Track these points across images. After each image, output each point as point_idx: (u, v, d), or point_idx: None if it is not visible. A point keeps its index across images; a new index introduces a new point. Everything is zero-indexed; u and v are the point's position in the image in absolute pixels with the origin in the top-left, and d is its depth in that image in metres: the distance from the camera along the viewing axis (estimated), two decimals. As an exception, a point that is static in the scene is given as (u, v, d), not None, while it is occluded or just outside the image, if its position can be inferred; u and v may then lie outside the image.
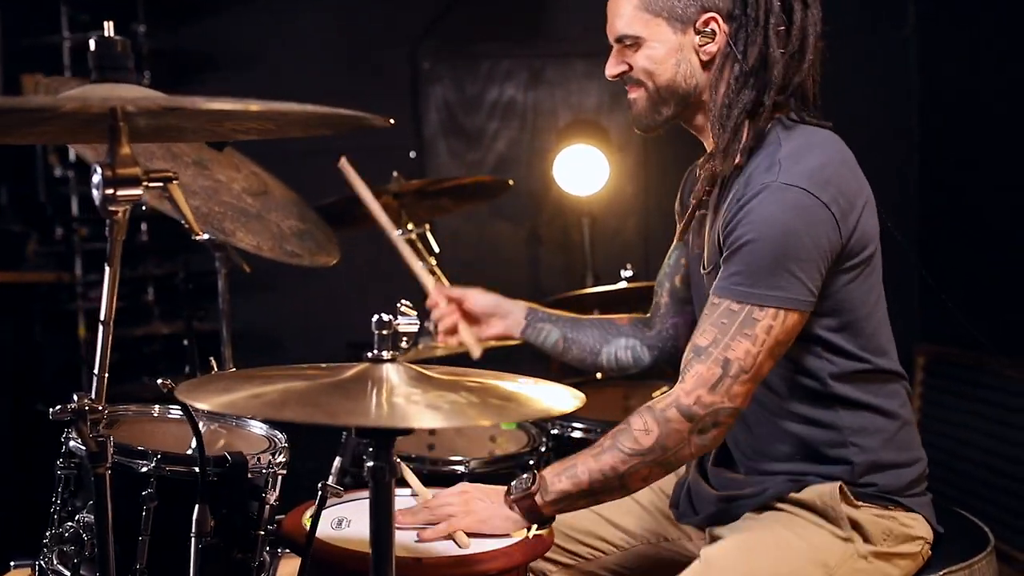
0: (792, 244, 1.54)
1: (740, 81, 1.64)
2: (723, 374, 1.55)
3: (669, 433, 1.57)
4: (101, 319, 1.29)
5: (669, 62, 1.67)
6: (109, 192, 1.14)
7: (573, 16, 4.19)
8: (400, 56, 4.12)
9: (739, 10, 1.63)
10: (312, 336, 3.98)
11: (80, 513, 1.55)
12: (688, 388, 1.57)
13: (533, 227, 4.23)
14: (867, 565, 1.62)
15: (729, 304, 1.56)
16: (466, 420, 1.20)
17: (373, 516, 1.28)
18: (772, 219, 1.54)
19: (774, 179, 1.55)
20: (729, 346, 1.55)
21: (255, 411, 1.12)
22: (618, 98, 4.24)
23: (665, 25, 1.66)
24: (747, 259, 1.55)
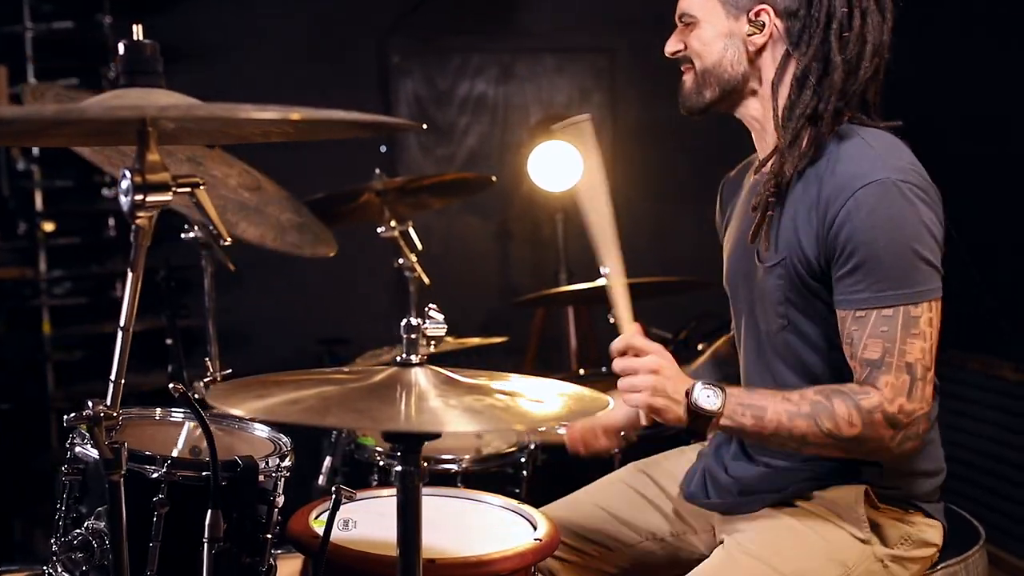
0: (920, 235, 1.55)
1: (800, 81, 1.65)
2: (911, 379, 1.55)
3: (872, 436, 1.56)
4: (121, 325, 1.27)
5: (717, 45, 1.70)
6: (138, 198, 1.12)
7: (543, 11, 4.20)
8: (370, 50, 4.10)
9: (803, 9, 1.65)
10: (284, 333, 3.95)
11: (87, 520, 1.52)
12: (888, 396, 1.55)
13: (503, 222, 4.24)
14: (882, 568, 1.65)
15: (879, 312, 1.55)
16: (501, 423, 1.20)
17: (401, 519, 1.28)
18: (896, 217, 1.55)
19: (881, 175, 1.56)
20: (904, 351, 1.54)
21: (296, 417, 1.11)
22: (588, 94, 4.27)
23: (720, 8, 1.69)
24: (877, 267, 1.55)
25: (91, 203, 3.67)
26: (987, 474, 3.35)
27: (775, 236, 1.68)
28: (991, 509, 3.22)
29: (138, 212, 1.14)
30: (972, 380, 3.48)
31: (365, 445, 2.30)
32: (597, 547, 1.89)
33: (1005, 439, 3.36)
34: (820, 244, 1.61)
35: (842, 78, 1.63)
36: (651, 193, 4.21)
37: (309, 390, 1.21)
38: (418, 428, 1.13)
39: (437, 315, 1.32)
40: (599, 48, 4.21)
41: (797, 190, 1.65)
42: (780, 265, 1.66)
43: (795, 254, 1.64)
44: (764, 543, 1.67)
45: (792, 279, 1.66)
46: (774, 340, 1.72)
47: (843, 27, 1.63)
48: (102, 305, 3.69)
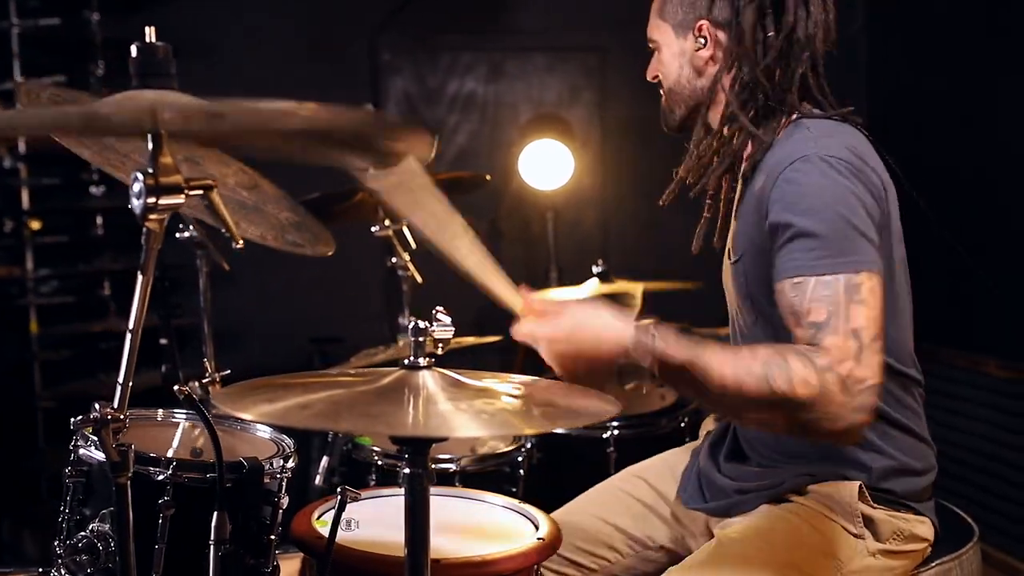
0: (852, 207, 1.53)
1: (738, 88, 1.71)
2: (859, 345, 1.45)
3: (827, 397, 1.43)
4: (129, 328, 1.26)
5: (673, 66, 1.79)
6: (151, 201, 1.12)
7: (534, 10, 4.21)
8: (360, 47, 4.09)
9: (733, 19, 1.71)
10: (274, 332, 3.93)
11: (92, 522, 1.51)
12: (837, 357, 1.44)
13: (493, 220, 4.23)
14: (875, 562, 1.67)
15: (819, 279, 1.49)
16: (511, 428, 1.21)
17: (409, 521, 1.29)
18: (825, 187, 1.54)
19: (813, 151, 1.56)
20: (849, 317, 1.46)
21: (308, 422, 1.11)
22: (578, 92, 4.27)
23: (671, 31, 1.79)
24: (818, 230, 1.51)
25: (78, 201, 3.64)
26: (976, 471, 3.38)
27: (735, 232, 1.75)
28: (981, 506, 3.25)
29: (150, 215, 1.13)
30: (959, 377, 3.51)
31: (362, 445, 2.30)
32: (596, 559, 1.90)
33: (993, 435, 3.40)
34: (765, 231, 1.60)
35: (769, 79, 1.67)
36: (641, 192, 4.18)
37: (318, 393, 1.21)
38: (430, 433, 1.13)
39: (444, 317, 1.31)
40: (589, 47, 4.21)
41: (748, 187, 1.70)
42: (740, 262, 1.71)
43: (749, 249, 1.67)
44: (757, 535, 1.69)
45: (751, 274, 1.68)
46: (751, 335, 1.74)
47: (766, 29, 1.68)
48: (90, 304, 3.67)
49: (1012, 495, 3.29)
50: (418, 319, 1.29)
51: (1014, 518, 3.23)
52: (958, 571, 1.77)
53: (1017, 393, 3.35)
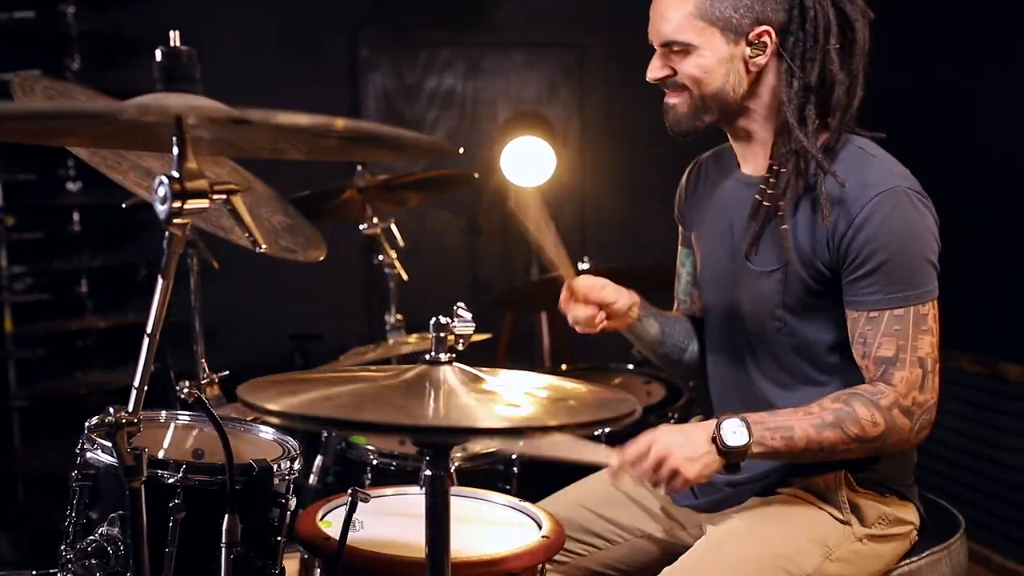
0: (928, 241, 1.65)
1: (801, 95, 1.67)
2: (923, 372, 1.64)
3: (894, 430, 1.64)
4: (147, 331, 1.25)
5: (719, 71, 1.68)
6: (176, 205, 1.11)
7: (513, 6, 4.21)
8: (339, 43, 4.07)
9: (796, 25, 1.67)
10: (254, 329, 3.91)
11: (99, 526, 1.50)
12: (903, 391, 1.63)
13: (472, 216, 4.24)
14: (862, 546, 1.71)
15: (891, 313, 1.63)
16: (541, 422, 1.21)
17: (430, 522, 1.29)
18: (910, 223, 1.64)
19: (892, 184, 1.63)
20: (916, 347, 1.63)
21: (332, 412, 1.11)
22: (556, 89, 4.29)
23: (719, 35, 1.67)
24: (893, 269, 1.62)
25: (54, 197, 3.59)
26: (948, 464, 3.45)
27: (773, 243, 1.71)
28: (955, 499, 3.32)
29: (175, 219, 1.13)
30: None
31: (357, 444, 2.30)
32: (583, 545, 1.92)
33: (966, 430, 3.47)
34: (830, 251, 1.66)
35: (845, 91, 1.67)
36: (619, 188, 4.25)
37: (341, 387, 1.22)
38: (453, 423, 1.14)
39: (465, 313, 1.32)
40: (568, 43, 4.23)
41: (803, 200, 1.69)
42: (780, 271, 1.70)
43: (799, 261, 1.68)
44: (748, 527, 1.73)
45: (793, 285, 1.70)
46: (766, 340, 1.77)
47: (838, 40, 1.66)
48: (65, 301, 3.62)
49: (984, 488, 3.36)
50: (439, 316, 1.30)
51: (983, 508, 3.31)
52: (947, 561, 1.82)
53: (989, 388, 3.42)
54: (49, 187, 3.59)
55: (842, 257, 1.65)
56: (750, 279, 1.76)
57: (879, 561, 1.73)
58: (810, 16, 1.66)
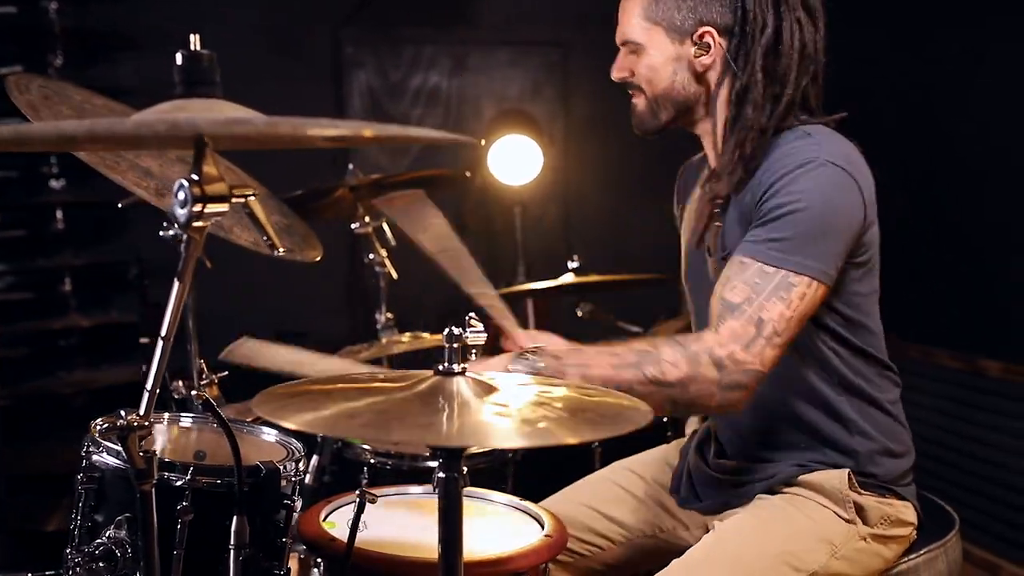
0: (833, 219, 1.62)
1: (740, 96, 1.72)
2: (757, 334, 1.58)
3: (696, 377, 1.58)
4: (162, 335, 1.25)
5: (666, 70, 1.77)
6: (196, 209, 1.11)
7: (497, 4, 4.22)
8: (323, 40, 4.06)
9: (738, 27, 1.72)
10: (238, 327, 3.87)
11: (105, 529, 1.50)
12: (723, 340, 1.58)
13: (457, 215, 4.23)
14: (865, 546, 1.74)
15: (762, 266, 1.60)
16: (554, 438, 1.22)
17: (443, 524, 1.30)
18: (819, 191, 1.61)
19: (818, 155, 1.63)
20: (763, 307, 1.58)
21: (359, 432, 1.12)
22: (540, 87, 4.30)
23: (663, 35, 1.75)
24: (790, 226, 1.60)
25: (37, 195, 3.55)
26: (928, 458, 3.50)
27: (722, 235, 1.77)
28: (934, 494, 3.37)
29: (194, 223, 1.13)
30: (911, 368, 3.62)
31: (353, 444, 2.30)
32: (586, 546, 1.93)
33: (946, 425, 3.52)
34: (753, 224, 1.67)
35: (780, 89, 1.70)
36: (604, 187, 4.27)
37: (359, 401, 1.22)
38: (481, 444, 1.15)
39: (477, 323, 1.33)
40: (552, 42, 4.24)
41: (742, 191, 1.72)
42: (725, 259, 1.73)
43: (734, 243, 1.71)
44: (754, 524, 1.75)
45: None
46: None
47: (777, 40, 1.70)
48: (48, 300, 3.59)
49: (962, 482, 3.41)
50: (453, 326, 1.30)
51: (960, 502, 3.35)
52: (944, 558, 1.85)
53: (968, 384, 3.48)
54: (32, 185, 3.55)
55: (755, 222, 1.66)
56: (711, 271, 1.80)
57: (880, 560, 1.76)
58: (750, 18, 1.70)
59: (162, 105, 1.11)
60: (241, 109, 1.12)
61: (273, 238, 1.24)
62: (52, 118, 1.80)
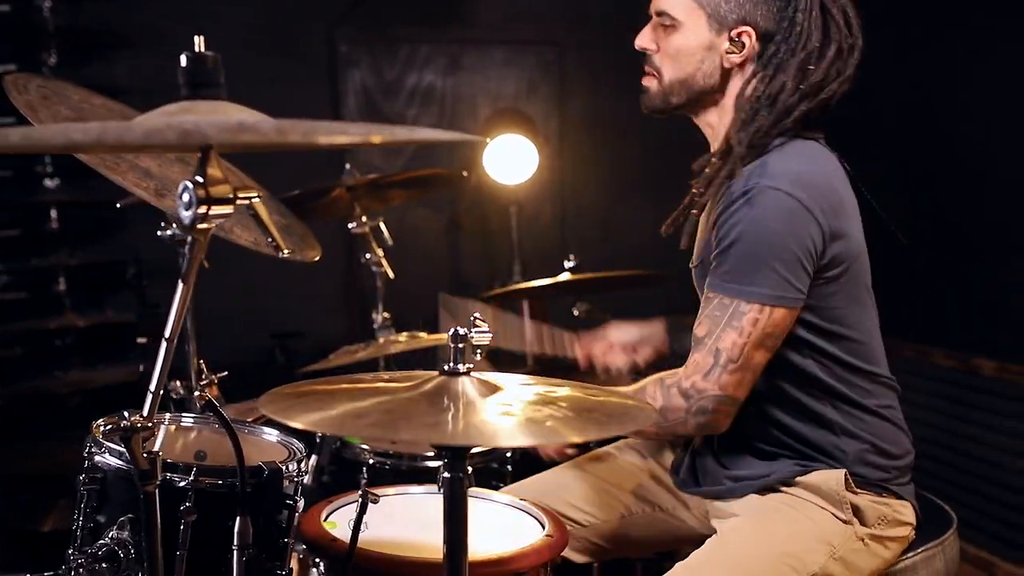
0: (774, 243, 1.64)
1: (760, 100, 1.72)
2: (714, 363, 1.68)
3: (669, 408, 1.72)
4: (166, 336, 1.25)
5: (695, 56, 1.76)
6: (201, 211, 1.11)
7: (492, 3, 4.21)
8: (318, 39, 4.04)
9: (781, 35, 1.71)
10: (235, 327, 3.88)
11: (108, 529, 1.50)
12: (687, 373, 1.70)
13: (452, 214, 4.24)
14: (863, 547, 1.75)
15: (721, 299, 1.68)
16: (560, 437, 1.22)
17: (448, 524, 1.31)
18: (756, 219, 1.64)
19: (758, 181, 1.65)
20: (720, 337, 1.67)
21: (368, 432, 1.12)
22: (536, 86, 4.30)
23: (704, 19, 1.74)
24: (734, 257, 1.66)
25: (31, 195, 3.53)
26: (923, 458, 3.51)
27: (698, 242, 1.81)
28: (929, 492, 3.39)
29: (199, 224, 1.13)
30: (905, 367, 3.63)
31: (351, 443, 2.30)
32: (586, 515, 1.95)
33: (939, 424, 3.54)
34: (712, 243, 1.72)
35: (797, 104, 1.71)
36: (599, 186, 4.27)
37: (366, 401, 1.22)
38: (488, 444, 1.15)
39: (482, 323, 1.33)
40: (547, 41, 4.24)
41: (718, 200, 1.74)
42: (699, 267, 1.79)
43: (705, 258, 1.75)
44: (754, 525, 1.76)
45: (704, 279, 1.77)
46: None
47: (811, 58, 1.70)
48: (43, 300, 3.57)
49: (957, 480, 3.43)
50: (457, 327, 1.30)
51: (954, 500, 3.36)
52: (941, 556, 1.86)
53: (963, 383, 3.49)
54: (26, 184, 3.53)
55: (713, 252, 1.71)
56: (694, 275, 1.86)
57: (879, 560, 1.77)
58: (796, 30, 1.70)
59: (167, 107, 1.11)
60: (246, 111, 1.12)
61: (278, 240, 1.24)
62: (51, 118, 1.80)
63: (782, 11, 1.70)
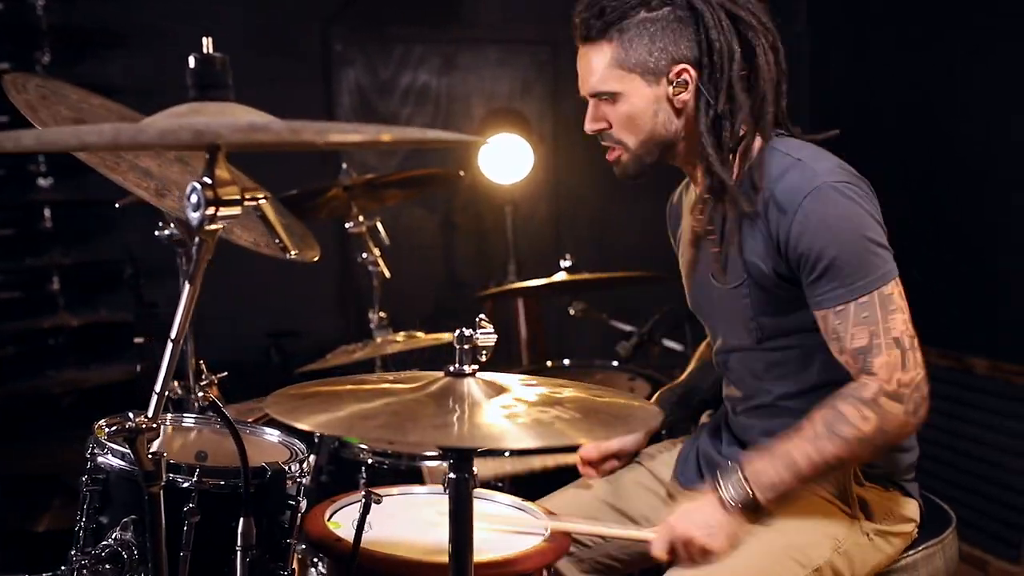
0: (866, 226, 1.65)
1: (716, 123, 1.73)
2: (902, 351, 1.63)
3: (887, 418, 1.63)
4: (171, 337, 1.25)
5: (648, 113, 1.75)
6: (209, 212, 1.11)
7: (487, 3, 4.21)
8: (312, 38, 4.04)
9: (706, 58, 1.72)
10: (231, 326, 3.87)
11: (110, 530, 1.50)
12: (885, 377, 1.63)
13: (447, 214, 4.24)
14: (868, 542, 1.76)
15: (856, 302, 1.64)
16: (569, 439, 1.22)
17: (453, 525, 1.31)
18: (844, 215, 1.65)
19: (817, 182, 1.65)
20: (888, 329, 1.62)
21: (377, 433, 1.12)
22: (530, 86, 4.30)
23: (639, 79, 1.73)
24: (844, 264, 1.64)
25: (26, 193, 3.52)
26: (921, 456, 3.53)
27: (731, 260, 1.77)
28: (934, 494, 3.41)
29: (206, 225, 1.13)
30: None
31: (350, 444, 2.30)
32: (591, 536, 1.94)
33: (933, 423, 3.53)
34: (778, 258, 1.70)
35: (752, 110, 1.72)
36: (594, 185, 4.26)
37: (372, 402, 1.22)
38: (503, 445, 1.15)
39: (487, 324, 1.33)
40: (541, 40, 4.24)
41: (743, 211, 1.73)
42: (744, 285, 1.76)
43: (754, 273, 1.73)
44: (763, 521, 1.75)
45: (756, 299, 1.76)
46: (755, 354, 1.82)
47: (741, 67, 1.71)
48: (37, 299, 3.56)
49: (951, 478, 3.44)
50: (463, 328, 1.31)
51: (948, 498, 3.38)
52: (941, 555, 1.87)
53: (957, 381, 3.51)
54: (19, 183, 3.52)
55: (794, 264, 1.69)
56: (720, 297, 1.82)
57: (882, 555, 1.78)
58: (716, 48, 1.71)
59: (176, 108, 1.11)
60: (254, 112, 1.12)
61: (285, 241, 1.24)
62: (51, 118, 1.80)
63: (696, 36, 1.72)
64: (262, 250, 2.00)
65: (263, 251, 2.01)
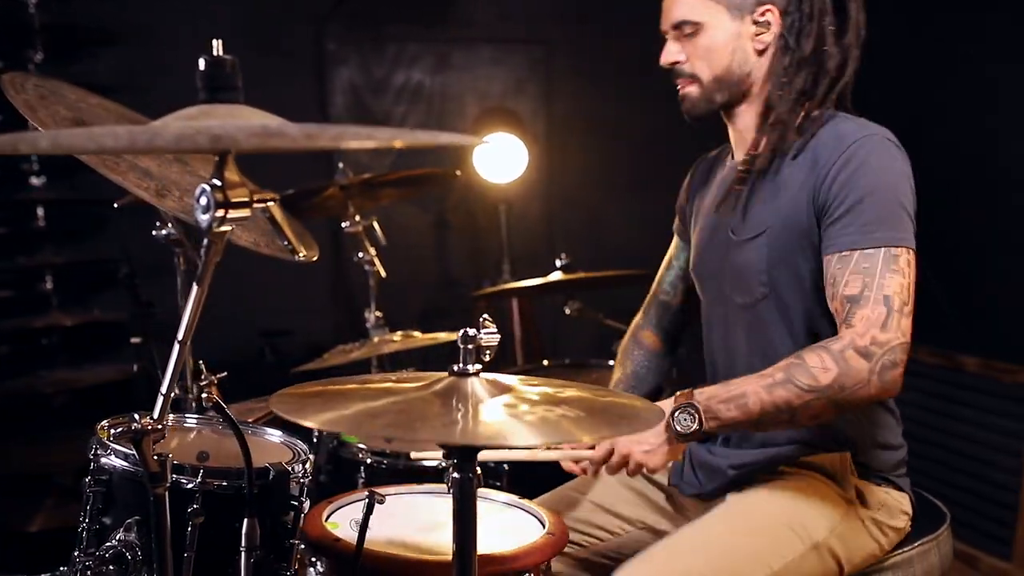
0: (902, 187, 1.67)
1: (793, 68, 1.77)
2: (888, 310, 1.58)
3: (848, 372, 1.58)
4: (178, 338, 1.25)
5: (726, 49, 1.79)
6: (219, 214, 1.12)
7: (481, 1, 4.21)
8: (306, 36, 4.04)
9: (794, 6, 1.76)
10: (224, 325, 3.85)
11: (114, 531, 1.50)
12: (860, 330, 1.58)
13: (441, 213, 4.24)
14: (862, 527, 1.78)
15: (863, 251, 1.63)
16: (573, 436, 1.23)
17: (457, 524, 1.31)
18: (887, 167, 1.67)
19: (873, 133, 1.68)
20: (882, 285, 1.60)
21: (385, 432, 1.12)
22: (523, 85, 4.31)
23: (724, 12, 1.78)
24: (871, 208, 1.64)
25: (18, 192, 3.50)
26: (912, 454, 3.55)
27: (756, 210, 1.79)
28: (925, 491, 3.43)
29: (216, 227, 1.13)
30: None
31: (348, 443, 2.30)
32: (586, 537, 1.96)
33: (924, 420, 3.58)
34: (813, 202, 1.71)
35: (837, 65, 1.76)
36: (588, 184, 4.28)
37: (378, 401, 1.23)
38: (514, 442, 1.16)
39: (491, 324, 1.34)
40: (535, 39, 4.25)
41: (785, 166, 1.76)
42: (763, 235, 1.76)
43: (776, 224, 1.74)
44: (763, 494, 1.79)
45: (775, 248, 1.76)
46: (754, 310, 1.81)
47: (832, 19, 1.75)
48: (30, 299, 3.54)
49: (941, 476, 3.47)
50: (467, 328, 1.31)
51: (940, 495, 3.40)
52: (936, 551, 1.89)
53: (947, 379, 3.53)
54: (12, 182, 3.50)
55: (821, 208, 1.70)
56: (735, 250, 1.82)
57: (875, 545, 1.80)
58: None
59: (186, 110, 1.11)
60: (264, 115, 1.12)
61: (294, 243, 1.25)
62: (49, 117, 1.79)
63: None
64: (262, 250, 1.99)
65: (263, 251, 2.01)
